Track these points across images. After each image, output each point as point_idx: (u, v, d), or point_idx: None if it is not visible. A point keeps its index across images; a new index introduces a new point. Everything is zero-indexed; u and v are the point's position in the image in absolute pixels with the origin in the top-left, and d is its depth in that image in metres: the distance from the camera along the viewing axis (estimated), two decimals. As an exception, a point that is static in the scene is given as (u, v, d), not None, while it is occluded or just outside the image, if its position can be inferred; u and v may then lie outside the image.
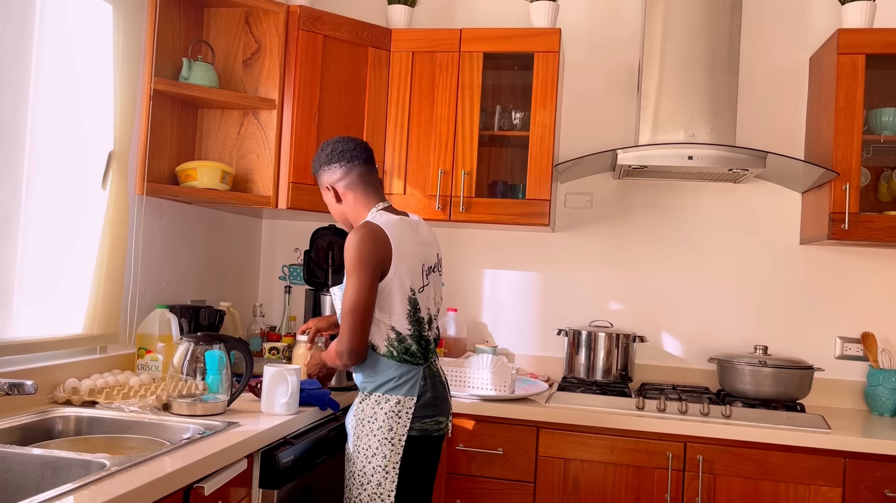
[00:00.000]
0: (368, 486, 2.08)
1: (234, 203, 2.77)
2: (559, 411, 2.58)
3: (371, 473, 2.08)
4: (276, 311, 3.42)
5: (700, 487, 2.50)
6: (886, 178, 2.94)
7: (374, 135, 3.02)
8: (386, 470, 2.07)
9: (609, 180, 3.24)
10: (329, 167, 2.21)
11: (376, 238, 2.07)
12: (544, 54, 2.92)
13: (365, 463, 2.09)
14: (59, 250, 2.28)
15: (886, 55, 2.73)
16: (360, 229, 2.09)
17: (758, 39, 3.14)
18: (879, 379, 2.88)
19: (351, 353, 2.07)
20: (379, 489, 2.07)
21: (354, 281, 2.06)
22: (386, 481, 2.07)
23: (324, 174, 2.23)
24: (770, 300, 3.10)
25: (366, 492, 2.08)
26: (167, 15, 2.66)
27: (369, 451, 2.09)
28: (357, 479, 2.10)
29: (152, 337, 2.49)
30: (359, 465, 2.10)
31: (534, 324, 3.27)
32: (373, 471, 2.08)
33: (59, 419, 2.01)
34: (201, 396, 2.13)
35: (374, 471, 2.08)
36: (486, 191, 3.16)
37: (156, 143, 2.63)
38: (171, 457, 1.66)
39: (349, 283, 2.07)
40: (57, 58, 2.23)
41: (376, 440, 2.08)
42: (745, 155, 2.69)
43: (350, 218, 2.23)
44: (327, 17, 2.90)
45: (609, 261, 3.24)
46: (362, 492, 2.09)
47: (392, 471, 2.07)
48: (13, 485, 1.62)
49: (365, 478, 2.09)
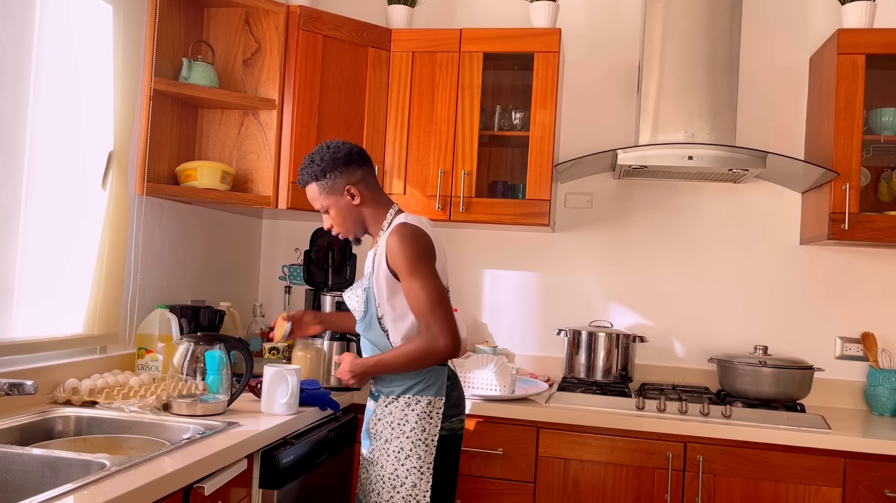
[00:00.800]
0: (402, 489, 2.07)
1: (234, 203, 2.77)
2: (559, 411, 2.58)
3: (405, 475, 2.07)
4: (276, 311, 3.42)
5: (700, 487, 2.50)
6: (886, 178, 2.94)
7: (374, 135, 3.02)
8: (421, 471, 2.07)
9: (609, 180, 3.24)
10: (348, 168, 2.15)
11: (426, 234, 2.10)
12: (544, 54, 2.92)
13: (397, 465, 2.08)
14: (59, 250, 2.28)
15: (886, 55, 2.73)
16: (407, 226, 2.07)
17: (758, 39, 3.14)
18: (879, 379, 2.88)
19: (456, 343, 2.03)
20: (414, 490, 2.06)
21: (424, 274, 2.02)
22: (421, 482, 2.07)
23: (340, 177, 2.14)
24: (770, 300, 3.10)
25: (399, 495, 2.07)
26: (167, 15, 2.66)
27: (402, 454, 2.08)
28: (388, 483, 2.08)
29: (152, 337, 2.49)
30: (389, 469, 2.08)
31: (534, 324, 3.27)
32: (406, 474, 2.07)
33: (59, 419, 2.01)
34: (201, 396, 2.13)
35: (407, 472, 2.07)
36: (486, 191, 3.16)
37: (156, 143, 2.63)
38: (171, 457, 1.66)
39: (417, 280, 2.02)
40: (57, 58, 2.23)
41: (409, 442, 2.08)
42: (745, 155, 2.69)
43: (369, 219, 2.18)
44: (327, 17, 2.90)
45: (609, 261, 3.24)
46: (395, 496, 2.07)
47: (427, 472, 2.07)
48: (13, 485, 1.62)
49: (398, 480, 2.07)
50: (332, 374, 2.70)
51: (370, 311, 2.13)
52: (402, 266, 2.03)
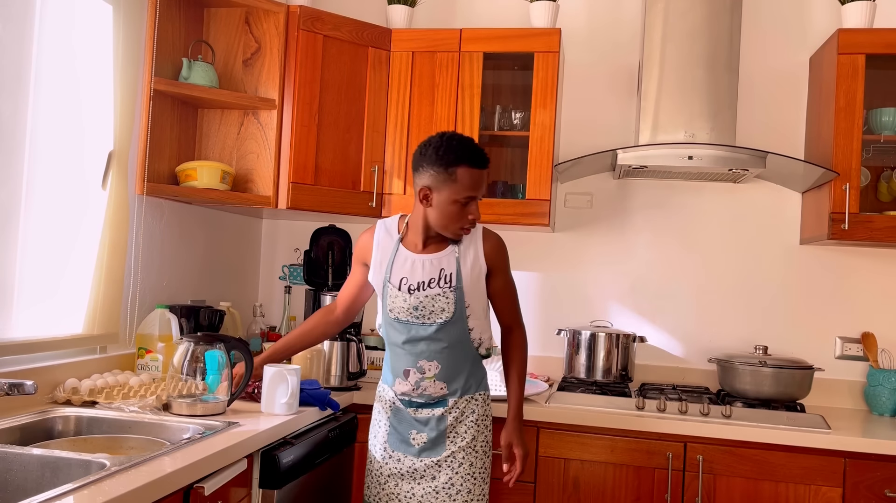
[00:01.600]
0: (488, 477, 2.21)
1: (234, 203, 2.77)
2: (559, 411, 2.58)
3: (490, 465, 2.22)
4: (276, 311, 3.42)
5: (700, 487, 2.50)
6: (886, 178, 2.94)
7: (374, 135, 3.02)
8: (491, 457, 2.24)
9: (609, 180, 3.24)
10: None
11: None
12: (544, 54, 2.92)
13: (485, 458, 2.20)
14: (59, 250, 2.28)
15: (886, 55, 2.73)
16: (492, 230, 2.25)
17: (758, 39, 3.14)
18: (879, 379, 2.88)
19: None
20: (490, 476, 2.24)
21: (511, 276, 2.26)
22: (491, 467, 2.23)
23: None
24: (770, 300, 3.10)
25: (487, 485, 2.20)
26: (167, 15, 2.66)
27: (488, 446, 2.21)
28: (480, 477, 2.18)
29: (152, 337, 2.49)
30: (479, 465, 2.18)
31: (534, 324, 3.27)
32: (490, 463, 2.22)
33: (59, 419, 2.01)
34: (201, 396, 2.13)
35: (491, 462, 2.22)
36: (486, 191, 3.15)
37: (156, 143, 2.63)
38: (171, 457, 1.66)
39: (511, 279, 2.25)
40: (57, 58, 2.23)
41: (490, 433, 2.23)
42: (745, 155, 2.69)
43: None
44: (327, 17, 2.90)
45: (609, 261, 3.24)
46: (485, 487, 2.20)
47: None
48: (13, 485, 1.62)
49: (487, 471, 2.21)
50: (332, 375, 2.70)
51: (459, 310, 2.13)
52: (505, 265, 2.22)
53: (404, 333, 2.14)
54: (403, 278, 2.14)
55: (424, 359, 2.14)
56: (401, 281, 2.14)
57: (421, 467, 2.15)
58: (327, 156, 2.91)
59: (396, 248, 2.18)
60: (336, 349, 2.71)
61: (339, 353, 2.72)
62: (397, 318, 2.14)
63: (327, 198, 2.90)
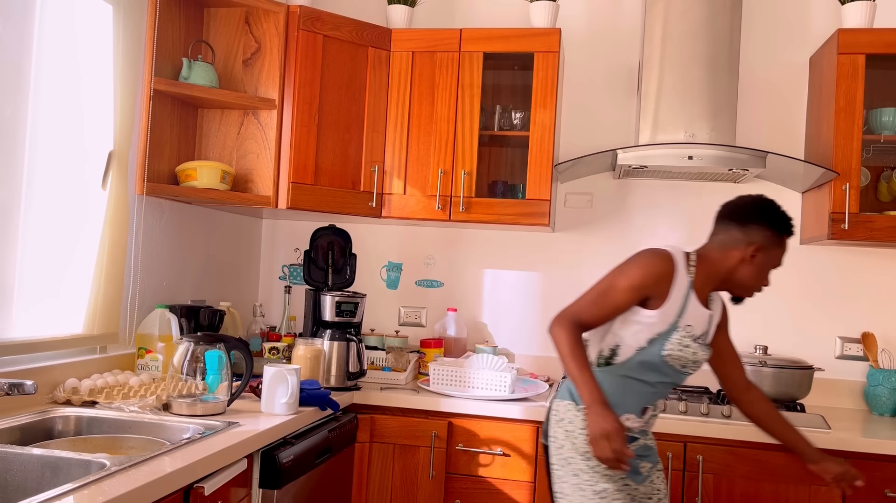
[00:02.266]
0: None
1: (234, 203, 2.77)
2: (559, 411, 2.58)
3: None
4: (276, 311, 3.42)
5: (700, 487, 2.49)
6: (886, 178, 2.94)
7: (374, 135, 3.02)
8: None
9: (609, 180, 3.24)
10: None
11: None
12: (544, 54, 2.92)
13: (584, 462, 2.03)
14: (59, 250, 2.28)
15: (886, 55, 2.73)
16: None
17: (758, 39, 3.14)
18: (879, 379, 2.88)
19: None
20: None
21: None
22: None
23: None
24: (770, 300, 3.10)
25: None
26: (167, 15, 2.66)
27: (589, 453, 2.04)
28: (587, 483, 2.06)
29: (152, 337, 2.49)
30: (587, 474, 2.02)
31: (534, 324, 3.27)
32: None
33: (59, 419, 2.01)
34: (201, 396, 2.13)
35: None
36: (486, 191, 3.15)
37: (156, 143, 2.63)
38: (171, 457, 1.66)
39: None
40: (57, 58, 2.23)
41: None
42: (745, 155, 2.69)
43: None
44: (327, 17, 2.90)
45: (609, 262, 3.20)
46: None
47: None
48: (13, 485, 1.62)
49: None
50: (331, 375, 2.70)
51: None
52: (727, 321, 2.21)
53: (669, 377, 2.06)
54: (689, 325, 2.04)
55: (663, 399, 2.13)
56: (687, 328, 2.03)
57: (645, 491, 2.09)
58: (327, 156, 2.92)
59: (689, 290, 2.06)
60: (336, 349, 2.71)
61: (339, 353, 2.72)
62: (671, 363, 2.03)
63: (327, 198, 2.90)
